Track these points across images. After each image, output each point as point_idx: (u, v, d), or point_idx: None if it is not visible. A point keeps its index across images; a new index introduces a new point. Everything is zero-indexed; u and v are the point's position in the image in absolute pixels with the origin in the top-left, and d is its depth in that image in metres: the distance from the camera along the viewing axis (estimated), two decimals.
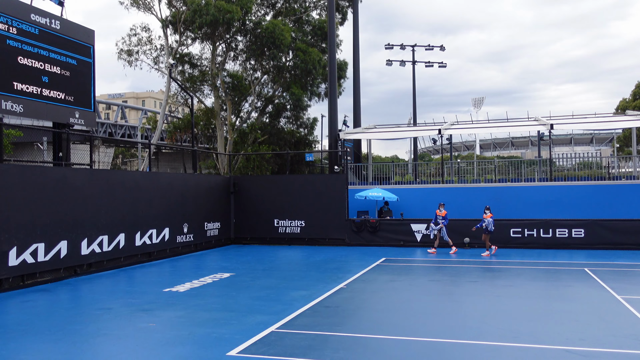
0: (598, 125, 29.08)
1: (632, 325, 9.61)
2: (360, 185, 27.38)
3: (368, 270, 16.58)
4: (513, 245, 21.77)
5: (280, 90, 36.70)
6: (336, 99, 28.71)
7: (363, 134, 30.21)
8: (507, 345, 8.45)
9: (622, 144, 60.79)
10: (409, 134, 33.25)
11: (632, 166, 28.52)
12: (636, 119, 27.92)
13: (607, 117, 30.01)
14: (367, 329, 9.65)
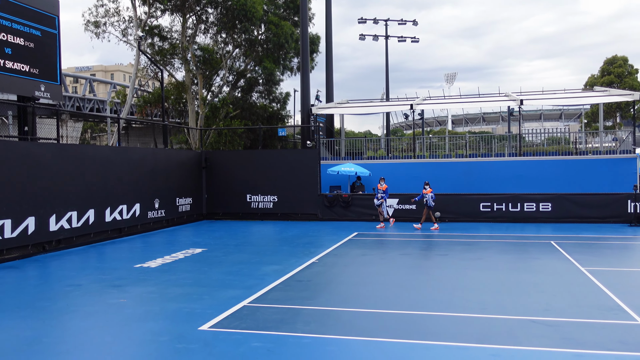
0: (567, 101, 29.54)
1: (595, 295, 9.91)
2: (333, 160, 27.41)
3: (340, 244, 16.70)
4: (482, 219, 22.15)
5: (253, 65, 36.27)
6: (309, 74, 28.51)
7: (336, 109, 30.13)
8: (475, 317, 8.64)
9: (590, 120, 61.99)
10: (382, 109, 33.28)
11: (598, 142, 29.12)
12: (603, 95, 28.42)
13: (575, 93, 30.49)
14: (338, 302, 9.76)
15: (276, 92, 38.05)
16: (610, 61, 61.35)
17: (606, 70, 60.99)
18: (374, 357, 6.85)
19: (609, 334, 7.68)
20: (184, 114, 37.41)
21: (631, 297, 9.64)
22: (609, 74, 60.08)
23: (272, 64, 34.68)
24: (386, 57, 46.35)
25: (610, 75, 59.62)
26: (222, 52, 35.80)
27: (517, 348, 7.16)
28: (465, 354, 6.95)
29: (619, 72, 59.97)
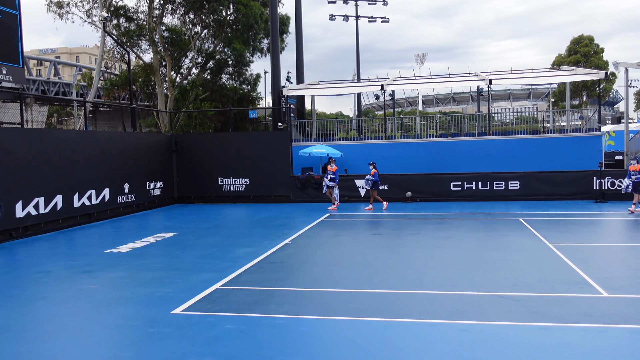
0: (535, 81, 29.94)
1: (562, 270, 10.17)
2: (305, 142, 27.37)
3: (313, 225, 16.75)
4: (453, 198, 22.43)
5: (222, 46, 35.76)
6: (279, 55, 28.28)
7: (307, 90, 30.00)
8: (445, 294, 8.79)
9: (557, 99, 62.96)
10: (353, 90, 33.26)
11: (565, 120, 29.64)
12: (570, 75, 28.88)
13: (543, 73, 30.90)
14: (311, 282, 9.82)
15: (246, 73, 37.67)
16: (577, 40, 62.28)
17: (573, 50, 61.92)
18: (347, 336, 6.92)
19: (574, 307, 7.89)
20: (153, 97, 36.81)
21: (596, 271, 9.92)
22: (576, 53, 61.03)
23: (242, 45, 34.25)
24: (357, 38, 46.25)
25: (577, 55, 60.57)
26: (190, 33, 35.20)
27: (486, 323, 7.31)
28: (436, 330, 7.08)
29: (585, 51, 60.94)
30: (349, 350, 6.47)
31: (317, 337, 6.98)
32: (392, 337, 6.86)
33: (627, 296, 8.37)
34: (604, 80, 59.82)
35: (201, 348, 6.60)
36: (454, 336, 6.85)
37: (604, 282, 9.09)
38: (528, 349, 6.39)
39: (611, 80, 63.37)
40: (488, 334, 6.89)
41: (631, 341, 6.61)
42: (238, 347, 6.62)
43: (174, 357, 6.35)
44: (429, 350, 6.39)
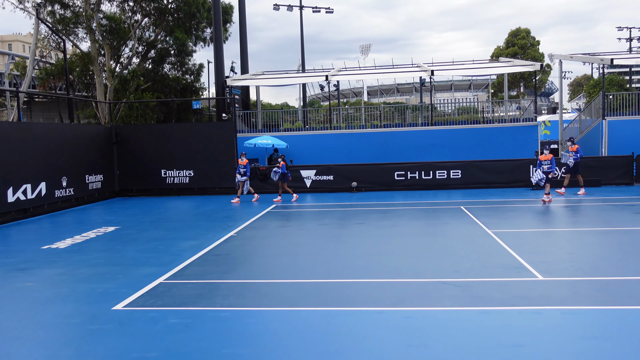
0: (475, 72, 30.71)
1: (500, 256, 10.51)
2: (250, 133, 27.15)
3: (258, 217, 16.67)
4: (397, 187, 22.79)
5: (163, 35, 34.89)
6: (222, 44, 27.87)
7: (251, 80, 29.72)
8: (390, 281, 8.94)
9: (497, 90, 64.80)
10: (298, 80, 33.17)
11: (504, 110, 30.57)
12: (508, 66, 29.78)
13: (483, 64, 31.72)
14: (257, 274, 9.78)
15: (189, 63, 36.90)
16: (515, 33, 64.16)
17: (511, 42, 63.76)
18: (293, 327, 6.94)
19: (512, 291, 8.18)
20: (91, 87, 35.55)
21: (532, 256, 10.31)
22: (513, 45, 62.87)
23: (184, 34, 33.52)
24: (301, 28, 46.08)
25: (515, 47, 62.41)
26: (130, 21, 34.16)
27: (430, 309, 7.49)
28: (380, 317, 7.19)
29: (522, 43, 62.88)
30: (295, 340, 6.49)
31: (263, 328, 6.96)
32: (338, 326, 6.92)
33: (561, 279, 8.75)
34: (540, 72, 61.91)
35: (144, 344, 6.47)
36: (398, 323, 6.97)
37: (540, 266, 9.47)
38: (469, 332, 6.59)
39: (547, 72, 65.75)
40: (431, 320, 7.06)
41: (564, 321, 6.91)
42: (182, 341, 6.53)
43: (116, 354, 6.20)
44: (374, 338, 6.49)
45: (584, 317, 7.06)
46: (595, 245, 11.67)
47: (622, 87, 62.61)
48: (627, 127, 24.47)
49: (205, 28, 35.67)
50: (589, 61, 34.04)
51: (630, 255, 10.34)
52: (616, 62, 26.53)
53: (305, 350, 6.17)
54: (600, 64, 28.75)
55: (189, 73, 37.08)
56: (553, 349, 6.03)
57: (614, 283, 8.47)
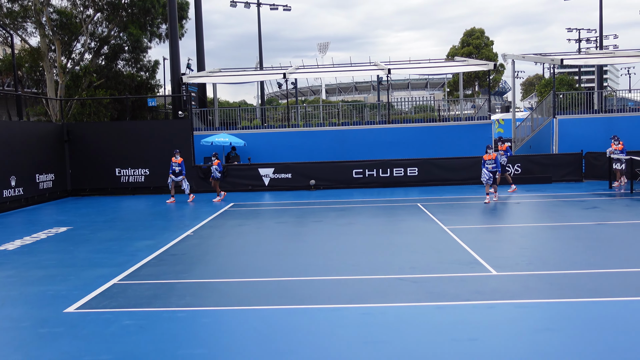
0: (431, 71, 31.16)
1: (456, 252, 10.70)
2: (207, 131, 26.82)
3: (216, 216, 16.49)
4: (355, 185, 22.91)
5: (117, 31, 34.07)
6: (178, 41, 27.44)
7: (208, 77, 29.36)
8: (348, 278, 8.98)
9: (452, 89, 65.98)
10: (255, 78, 32.96)
11: (459, 109, 31.12)
12: (462, 65, 30.33)
13: (439, 63, 32.22)
14: (214, 273, 9.66)
15: (144, 60, 36.13)
16: (469, 33, 65.45)
17: (466, 42, 65.03)
18: (250, 326, 6.89)
19: (466, 286, 8.33)
20: (42, 84, 34.42)
21: (486, 252, 10.53)
22: (468, 45, 64.14)
23: (139, 30, 32.83)
24: (259, 25, 45.78)
25: (470, 47, 63.68)
26: (82, 16, 33.22)
27: (387, 305, 7.55)
28: (338, 314, 7.21)
29: (477, 43, 64.21)
30: (252, 339, 6.44)
31: (220, 328, 6.89)
32: (295, 324, 6.90)
33: (513, 273, 8.96)
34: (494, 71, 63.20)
35: (97, 346, 6.31)
36: (356, 320, 7.01)
37: (493, 261, 9.68)
38: (425, 327, 6.68)
39: (500, 72, 67.31)
40: (389, 316, 7.12)
41: (516, 315, 7.08)
42: (137, 343, 6.40)
43: (67, 358, 6.03)
44: (332, 335, 6.50)
45: (535, 310, 7.25)
46: (546, 240, 12.00)
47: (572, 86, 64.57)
48: (576, 126, 25.25)
49: (161, 24, 35.04)
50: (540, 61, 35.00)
51: (579, 250, 10.69)
52: (566, 62, 27.34)
53: (262, 349, 6.13)
54: (551, 64, 29.58)
55: (144, 70, 36.34)
56: (506, 342, 6.17)
57: (564, 277, 8.72)
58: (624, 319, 6.75)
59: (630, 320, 6.72)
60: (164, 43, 36.01)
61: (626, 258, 9.84)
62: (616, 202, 16.80)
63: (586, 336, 6.27)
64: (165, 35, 34.47)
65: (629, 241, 11.45)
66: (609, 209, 15.69)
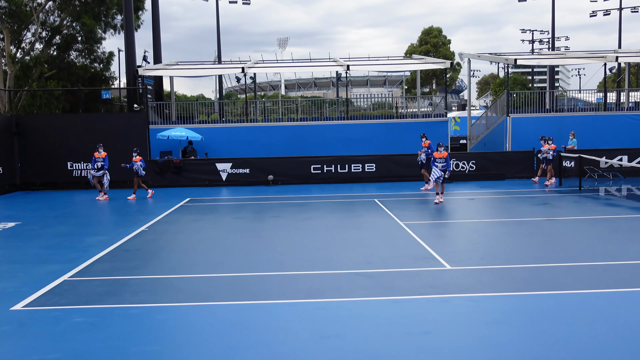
0: (389, 68, 31.46)
1: (412, 247, 10.84)
2: (163, 125, 26.36)
3: (172, 211, 16.25)
4: (314, 180, 22.94)
5: (70, 20, 33.13)
6: (133, 32, 26.88)
7: (165, 70, 28.85)
8: (304, 274, 8.99)
9: (410, 86, 66.73)
10: (213, 71, 32.57)
11: (417, 106, 31.52)
12: (420, 63, 30.73)
13: (397, 61, 32.53)
14: (169, 269, 9.52)
15: (98, 51, 35.28)
16: (428, 32, 66.27)
17: (424, 40, 65.82)
18: (206, 321, 6.82)
19: (421, 280, 8.46)
20: None
21: (440, 247, 10.71)
22: (426, 43, 64.94)
23: (92, 20, 32.00)
24: (217, 18, 45.24)
25: (427, 45, 64.48)
26: (32, 4, 32.15)
27: (343, 300, 7.60)
28: (294, 309, 7.21)
29: (434, 42, 65.08)
30: (207, 334, 6.38)
31: (174, 324, 6.80)
32: (251, 319, 6.87)
33: (466, 268, 9.14)
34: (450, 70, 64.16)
35: (46, 345, 6.13)
36: (312, 314, 7.02)
37: (448, 256, 9.85)
38: (380, 321, 6.74)
39: (457, 70, 68.48)
40: (344, 310, 7.16)
41: (469, 308, 7.23)
42: (88, 340, 6.24)
43: (14, 357, 5.83)
44: (287, 330, 6.50)
45: (486, 304, 7.42)
46: (498, 235, 12.31)
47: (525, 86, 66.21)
48: (529, 124, 25.91)
49: (116, 15, 34.26)
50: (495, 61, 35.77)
51: (528, 244, 10.99)
52: (519, 62, 28.05)
53: (217, 345, 6.08)
54: (505, 63, 30.29)
55: (98, 61, 35.48)
56: (458, 335, 6.29)
57: (514, 271, 8.96)
58: (570, 311, 6.97)
59: (576, 312, 6.95)
60: (119, 34, 35.25)
61: (573, 253, 10.18)
62: (565, 198, 17.35)
63: (534, 328, 6.46)
64: (121, 27, 33.72)
65: (576, 236, 11.85)
66: (558, 205, 16.20)
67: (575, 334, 6.24)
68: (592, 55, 29.54)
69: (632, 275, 8.54)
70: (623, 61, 29.08)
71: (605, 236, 11.66)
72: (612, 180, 20.84)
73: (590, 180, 20.59)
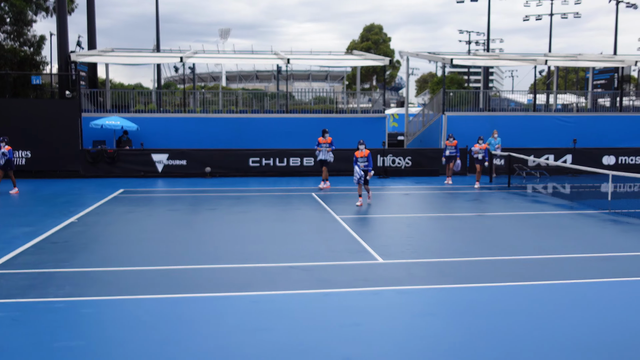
0: (330, 63, 31.61)
1: (346, 240, 10.98)
2: (97, 113, 25.48)
3: (104, 202, 15.76)
4: (252, 173, 22.80)
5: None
6: (66, 16, 25.84)
7: (100, 57, 27.86)
8: (238, 267, 8.95)
9: (351, 82, 67.37)
10: (151, 60, 31.72)
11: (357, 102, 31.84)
12: (360, 59, 31.07)
13: (338, 56, 32.73)
14: (98, 262, 9.24)
15: (28, 34, 33.64)
16: (369, 28, 67.09)
17: (365, 37, 66.59)
18: (135, 316, 6.68)
19: (354, 273, 8.59)
20: None
21: (374, 240, 10.91)
22: (367, 40, 65.73)
23: (22, 1, 30.51)
24: (156, 5, 44.03)
25: (369, 42, 65.27)
26: None
27: (276, 293, 7.62)
28: (227, 303, 7.18)
29: (375, 39, 65.94)
30: (135, 329, 6.26)
31: (102, 318, 6.62)
32: (181, 313, 6.79)
33: (398, 261, 9.36)
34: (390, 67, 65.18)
35: None
36: (245, 307, 7.01)
37: (381, 250, 10.04)
38: (312, 313, 6.82)
39: (397, 67, 69.62)
40: (277, 303, 7.19)
41: (399, 300, 7.42)
42: (9, 336, 6.00)
43: None
44: (219, 323, 6.46)
45: (417, 296, 7.63)
46: (430, 229, 12.65)
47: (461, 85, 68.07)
48: (463, 122, 26.67)
49: None
50: (433, 59, 36.57)
51: (459, 239, 11.37)
52: (456, 62, 28.78)
53: (145, 339, 5.97)
54: (442, 62, 31.00)
55: (28, 45, 33.86)
56: (388, 326, 6.44)
57: (444, 264, 9.25)
58: (496, 303, 7.27)
59: (501, 304, 7.25)
60: (52, 17, 33.71)
61: (500, 247, 10.61)
62: (495, 195, 18.00)
63: (461, 319, 6.70)
64: (53, 9, 32.26)
65: (504, 231, 12.35)
66: (488, 201, 16.80)
67: (500, 325, 6.51)
68: (524, 58, 30.71)
69: (553, 269, 8.98)
70: (552, 65, 30.40)
71: (530, 231, 12.20)
72: (539, 178, 21.81)
73: (519, 177, 21.47)
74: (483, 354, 5.69)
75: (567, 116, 27.45)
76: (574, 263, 9.39)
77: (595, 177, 20.24)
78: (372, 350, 5.78)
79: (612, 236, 11.56)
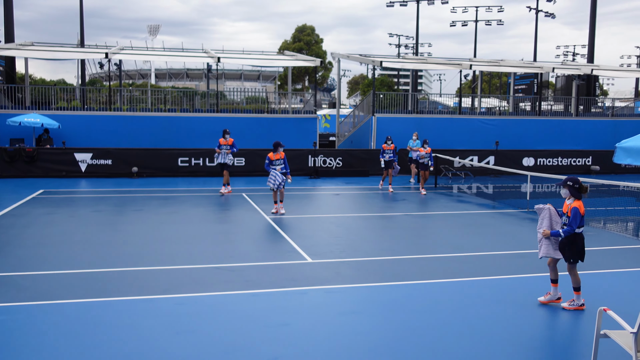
0: (262, 62, 31.46)
1: (276, 241, 10.97)
2: (15, 110, 24.21)
3: (21, 203, 14.98)
4: (181, 173, 22.33)
5: None
6: None
7: (18, 50, 26.48)
8: (163, 269, 8.74)
9: (283, 82, 67.34)
10: (73, 55, 30.45)
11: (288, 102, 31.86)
12: (292, 60, 31.11)
13: (271, 56, 32.61)
14: (13, 266, 8.77)
15: None
16: (301, 29, 67.33)
17: (297, 37, 66.79)
18: (51, 321, 6.39)
19: (283, 274, 8.59)
20: None
21: (303, 240, 10.94)
22: (300, 41, 65.95)
23: None
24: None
25: (301, 42, 65.51)
26: None
27: (202, 294, 7.50)
28: (150, 306, 6.99)
29: (307, 40, 66.27)
30: (52, 335, 5.98)
31: (15, 325, 6.28)
32: (102, 318, 6.55)
33: (327, 261, 9.43)
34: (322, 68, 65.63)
35: None
36: (169, 310, 6.86)
37: (309, 249, 10.09)
38: (239, 314, 6.75)
39: (329, 69, 70.25)
40: (203, 305, 7.08)
41: (326, 299, 7.48)
42: None
43: None
44: (141, 327, 6.28)
45: (343, 295, 7.72)
46: (359, 229, 12.82)
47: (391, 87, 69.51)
48: (393, 123, 27.22)
49: None
50: (364, 62, 37.15)
51: (386, 238, 11.60)
52: (385, 64, 29.38)
53: (62, 345, 5.72)
54: (372, 65, 31.52)
55: None
56: (315, 325, 6.48)
57: (371, 263, 9.40)
58: (419, 300, 7.46)
59: (424, 301, 7.45)
60: None
61: (424, 245, 10.91)
62: (421, 195, 18.47)
63: (386, 317, 6.83)
64: None
65: (429, 230, 12.71)
66: (415, 201, 17.22)
67: (422, 321, 6.68)
68: (450, 62, 31.72)
69: (474, 266, 9.32)
70: (477, 69, 31.53)
71: (454, 230, 12.61)
72: (464, 178, 22.59)
73: (445, 178, 22.15)
74: (407, 349, 5.82)
75: (490, 119, 28.58)
76: (493, 260, 9.78)
77: (516, 178, 21.17)
78: (299, 349, 5.79)
79: (529, 234, 12.11)
